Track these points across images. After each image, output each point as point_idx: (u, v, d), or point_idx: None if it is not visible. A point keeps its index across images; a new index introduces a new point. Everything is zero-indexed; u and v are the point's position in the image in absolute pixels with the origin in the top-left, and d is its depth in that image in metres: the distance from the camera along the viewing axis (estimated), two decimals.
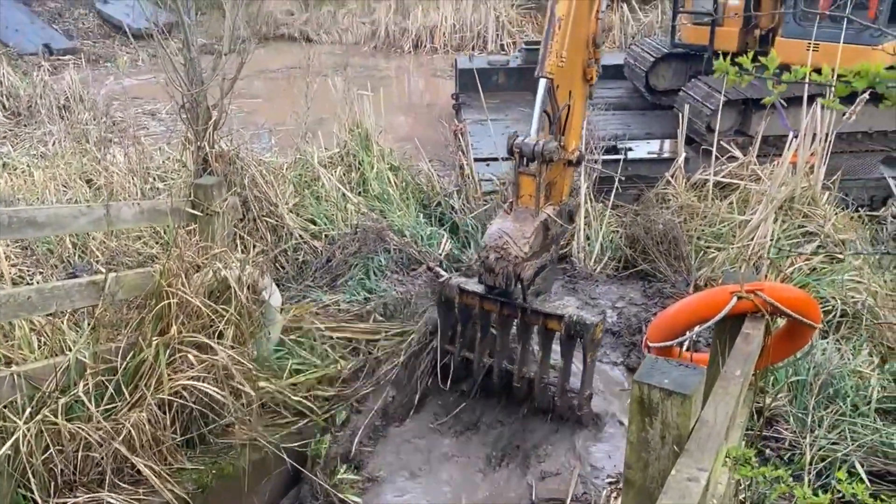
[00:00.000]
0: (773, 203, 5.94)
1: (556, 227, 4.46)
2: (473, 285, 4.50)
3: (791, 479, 1.95)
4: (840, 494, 2.04)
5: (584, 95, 4.77)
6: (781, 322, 3.40)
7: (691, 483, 1.62)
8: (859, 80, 1.53)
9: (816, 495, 3.28)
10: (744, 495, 3.39)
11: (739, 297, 2.84)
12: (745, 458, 1.91)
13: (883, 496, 1.87)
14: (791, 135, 6.26)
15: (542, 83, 4.19)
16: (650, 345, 3.16)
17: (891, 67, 1.86)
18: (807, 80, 1.68)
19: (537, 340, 4.55)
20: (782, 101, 7.53)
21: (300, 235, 6.47)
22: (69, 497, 3.28)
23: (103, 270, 4.27)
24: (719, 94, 7.63)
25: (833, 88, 1.65)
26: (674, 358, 3.00)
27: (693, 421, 1.88)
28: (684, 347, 3.50)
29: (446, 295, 4.55)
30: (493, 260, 4.15)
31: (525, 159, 4.25)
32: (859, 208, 6.52)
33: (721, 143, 7.18)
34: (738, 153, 7.17)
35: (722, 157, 7.17)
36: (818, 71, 2.01)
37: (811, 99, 6.41)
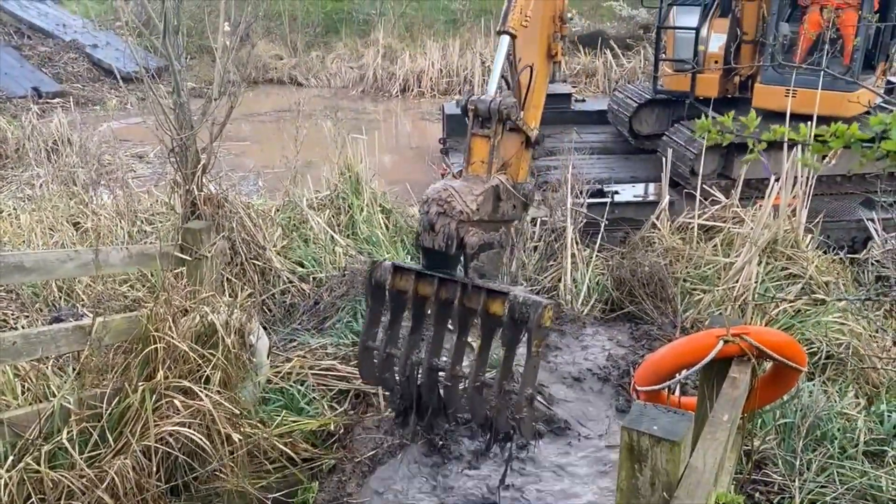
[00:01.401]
0: (757, 246, 6.02)
1: (507, 204, 3.99)
2: (410, 264, 4.02)
3: None
4: None
5: (547, 74, 4.46)
6: (768, 365, 3.43)
7: None
8: (835, 141, 1.58)
9: None
10: None
11: (726, 341, 2.87)
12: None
13: None
14: (772, 179, 6.37)
15: (503, 40, 3.91)
16: (638, 388, 3.17)
17: (867, 112, 1.91)
18: (785, 138, 1.73)
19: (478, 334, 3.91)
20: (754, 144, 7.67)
21: (288, 278, 6.48)
22: None
23: (89, 314, 4.24)
24: (701, 140, 7.77)
25: (809, 147, 1.70)
26: (661, 402, 3.01)
27: (682, 467, 1.89)
28: (674, 391, 3.52)
29: (377, 278, 3.95)
30: (435, 214, 3.64)
31: (480, 119, 3.84)
32: (838, 251, 6.62)
33: (704, 186, 7.30)
34: (721, 196, 7.28)
35: (705, 200, 7.28)
36: (798, 123, 2.06)
37: (792, 144, 6.54)
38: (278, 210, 7.29)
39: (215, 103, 5.91)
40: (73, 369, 3.89)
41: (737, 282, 6.04)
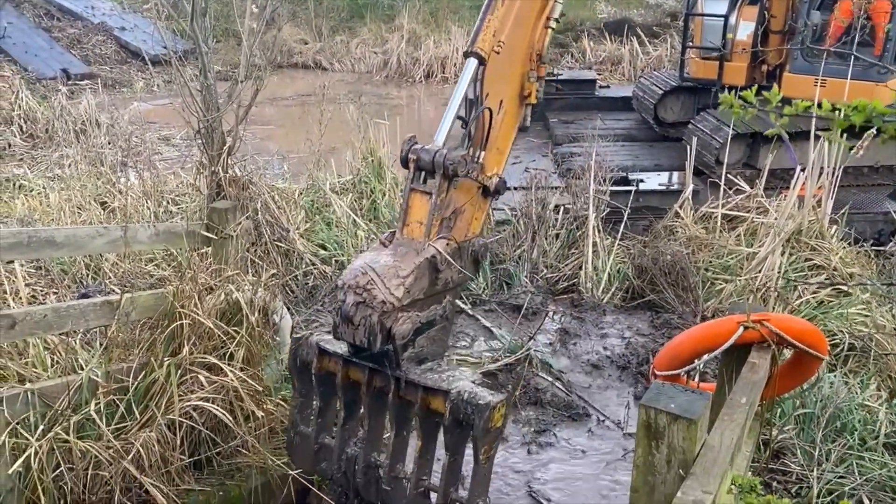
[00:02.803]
0: (781, 236, 5.98)
1: (449, 271, 3.30)
2: (339, 345, 3.29)
3: None
4: None
5: (518, 114, 3.85)
6: (788, 354, 3.43)
7: None
8: (857, 115, 1.57)
9: None
10: None
11: (746, 327, 2.87)
12: (750, 486, 1.93)
13: None
14: (798, 169, 6.31)
15: (470, 64, 3.33)
16: (657, 373, 3.18)
17: None
18: (811, 113, 1.71)
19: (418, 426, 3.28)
20: (786, 133, 7.61)
21: (311, 260, 6.54)
22: None
23: (116, 291, 4.32)
24: (727, 128, 7.71)
25: (834, 121, 1.67)
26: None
27: (699, 445, 1.91)
28: (693, 377, 3.52)
29: (302, 357, 3.38)
30: (352, 305, 3.01)
31: (422, 172, 3.24)
32: (863, 242, 6.56)
33: (729, 175, 7.25)
34: (745, 186, 7.23)
35: (730, 189, 7.24)
36: (819, 105, 2.04)
37: (819, 133, 6.48)
38: (302, 193, 7.35)
39: (241, 86, 5.97)
40: (101, 344, 3.97)
41: (759, 272, 6.01)
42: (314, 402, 3.49)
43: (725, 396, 2.79)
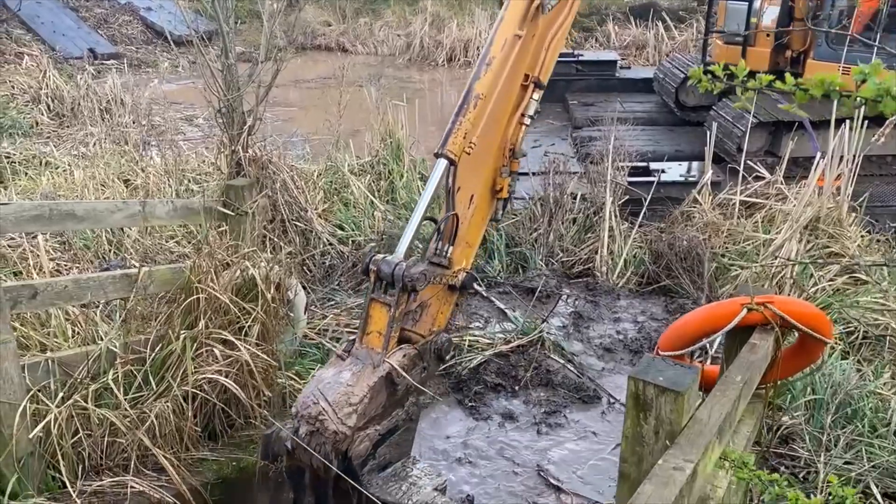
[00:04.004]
0: (798, 223, 5.94)
1: (414, 371, 3.33)
2: None
3: (793, 488, 2.00)
4: None
5: (488, 210, 3.79)
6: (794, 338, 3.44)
7: (676, 472, 1.69)
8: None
9: None
10: None
11: (749, 309, 2.89)
12: (742, 462, 1.97)
13: None
14: (818, 155, 6.26)
15: (440, 164, 3.32)
16: (661, 353, 3.21)
17: None
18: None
19: None
20: (808, 121, 7.53)
21: (328, 240, 6.62)
22: (95, 480, 3.41)
23: (136, 265, 4.42)
24: (749, 116, 7.65)
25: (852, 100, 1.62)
26: None
27: (686, 418, 1.95)
28: (697, 357, 3.54)
29: (273, 450, 3.32)
30: (306, 434, 3.06)
31: (383, 283, 3.19)
32: (884, 232, 6.49)
33: (749, 162, 7.19)
34: (765, 173, 7.18)
35: (749, 176, 7.19)
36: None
37: (840, 122, 6.41)
38: (320, 174, 7.42)
39: (261, 66, 6.03)
40: (120, 316, 4.08)
41: (775, 258, 5.98)
42: (287, 493, 3.45)
43: None
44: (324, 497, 3.33)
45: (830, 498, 1.85)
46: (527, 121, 3.76)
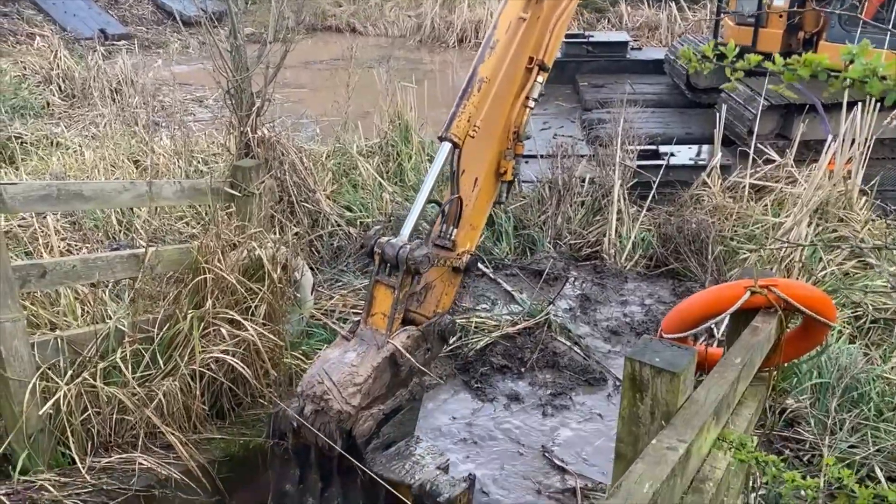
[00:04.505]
0: (808, 206, 5.91)
1: (418, 352, 3.38)
2: None
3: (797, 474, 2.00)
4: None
5: (492, 193, 3.80)
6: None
7: (669, 451, 1.70)
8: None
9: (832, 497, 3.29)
10: (756, 494, 3.44)
11: (753, 292, 2.89)
12: (740, 443, 1.97)
13: None
14: (829, 138, 6.20)
15: (444, 147, 3.35)
16: (664, 336, 3.22)
17: None
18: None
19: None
20: (820, 104, 7.46)
21: (336, 221, 6.64)
22: (104, 457, 3.47)
23: (145, 246, 4.46)
24: (761, 98, 7.58)
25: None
26: None
27: (682, 399, 1.95)
28: (700, 340, 3.54)
29: (280, 428, 3.41)
30: (311, 413, 3.14)
31: (387, 265, 3.25)
32: (891, 214, 6.44)
33: (760, 145, 7.14)
34: (775, 156, 7.13)
35: (760, 159, 7.14)
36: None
37: (852, 104, 6.35)
38: (329, 156, 7.43)
39: (269, 47, 6.03)
40: (128, 296, 4.11)
41: (783, 241, 5.95)
42: (294, 469, 3.54)
43: None
44: (329, 475, 3.42)
45: (830, 479, 1.86)
46: (531, 104, 3.76)
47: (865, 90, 1.38)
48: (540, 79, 3.77)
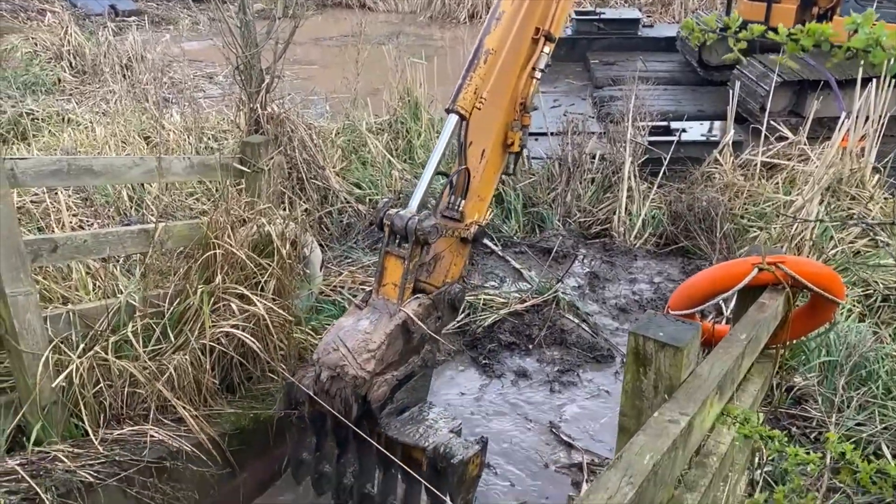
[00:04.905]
0: (820, 184, 5.86)
1: (429, 320, 3.46)
2: None
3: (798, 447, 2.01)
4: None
5: (500, 164, 3.82)
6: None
7: (671, 424, 1.71)
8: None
9: (837, 473, 3.30)
10: (762, 470, 3.45)
11: (760, 269, 2.88)
12: (744, 418, 1.98)
13: None
14: (843, 115, 6.14)
15: (451, 119, 3.38)
16: (671, 313, 3.22)
17: None
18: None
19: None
20: (834, 80, 7.36)
21: (345, 199, 6.65)
22: (116, 429, 3.51)
23: (155, 221, 4.48)
24: (774, 75, 7.50)
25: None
26: None
27: (686, 373, 1.96)
28: (708, 317, 3.54)
29: (295, 398, 3.59)
30: (327, 379, 3.26)
31: (397, 236, 3.33)
32: None
33: (773, 123, 7.08)
34: (788, 133, 7.06)
35: (772, 137, 7.08)
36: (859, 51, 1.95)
37: (866, 81, 6.27)
38: (338, 133, 7.43)
39: (278, 23, 6.01)
40: (139, 271, 4.15)
41: (793, 219, 5.92)
42: (310, 437, 3.67)
43: None
44: (345, 440, 3.54)
45: (834, 455, 1.86)
46: (538, 75, 3.74)
47: (869, 60, 1.37)
48: (546, 49, 3.75)
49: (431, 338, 3.50)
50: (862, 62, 6.10)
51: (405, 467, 3.33)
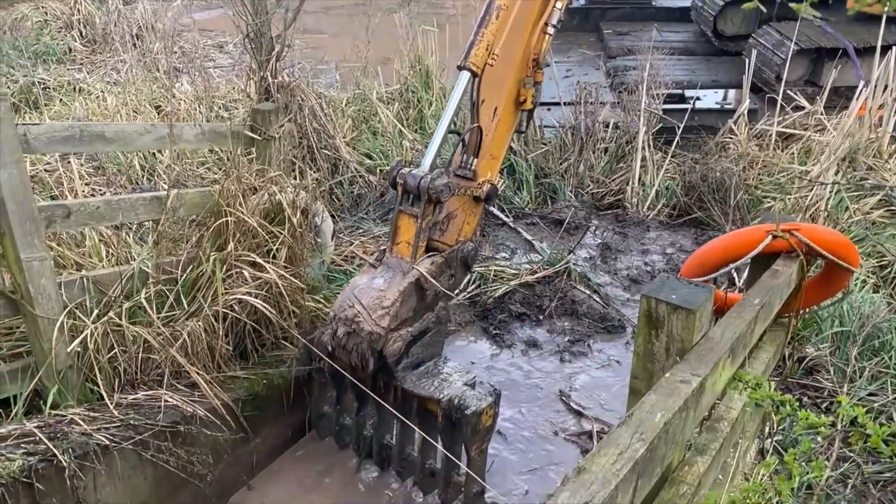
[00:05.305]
0: (836, 154, 5.79)
1: (443, 277, 3.54)
2: None
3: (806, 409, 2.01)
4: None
5: (512, 122, 3.81)
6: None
7: (682, 384, 1.71)
8: None
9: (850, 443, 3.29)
10: (772, 439, 3.46)
11: (775, 236, 2.86)
12: (756, 383, 1.98)
13: None
14: (861, 84, 6.05)
15: (463, 76, 3.40)
16: None
17: None
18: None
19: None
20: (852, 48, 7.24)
21: (356, 169, 6.63)
22: (131, 393, 3.55)
23: (167, 189, 4.49)
24: (790, 43, 7.38)
25: None
26: None
27: (698, 336, 1.95)
28: (721, 285, 3.52)
29: (314, 356, 3.74)
30: (344, 335, 3.38)
31: (409, 195, 3.38)
32: None
33: (789, 92, 6.98)
34: (805, 103, 6.97)
35: (788, 106, 6.99)
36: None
37: (886, 48, 6.16)
38: (349, 102, 7.38)
39: None
40: (152, 238, 4.16)
41: (811, 190, 5.86)
42: (330, 392, 3.84)
43: None
44: (363, 394, 3.66)
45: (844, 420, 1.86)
46: (550, 30, 3.73)
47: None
48: (559, 5, 3.73)
49: (445, 295, 3.58)
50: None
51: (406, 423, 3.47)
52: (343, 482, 3.95)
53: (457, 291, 4.51)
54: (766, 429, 3.44)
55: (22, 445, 3.03)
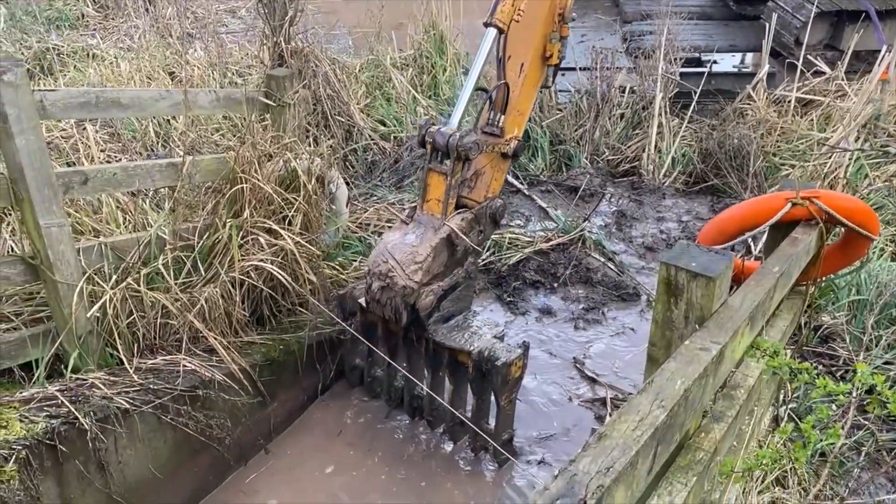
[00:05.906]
0: (857, 120, 5.70)
1: (472, 233, 3.66)
2: None
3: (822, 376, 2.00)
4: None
5: (538, 78, 3.81)
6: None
7: (701, 352, 1.71)
8: None
9: (865, 411, 3.29)
10: (787, 406, 3.46)
11: (794, 204, 2.83)
12: (774, 350, 1.97)
13: None
14: (884, 48, 5.93)
15: (489, 34, 3.43)
16: None
17: None
18: None
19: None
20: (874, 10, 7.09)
21: (370, 136, 6.60)
22: (150, 358, 3.60)
23: (183, 155, 4.49)
24: (811, 5, 7.23)
25: None
26: None
27: (718, 304, 1.95)
28: (739, 253, 3.50)
29: (349, 308, 3.94)
30: (378, 290, 3.52)
31: (438, 153, 3.46)
32: None
33: (808, 57, 6.86)
34: (825, 68, 6.85)
35: (808, 71, 6.87)
36: None
37: None
38: (362, 68, 7.32)
39: None
40: (168, 205, 4.17)
41: (829, 157, 5.79)
42: (362, 345, 3.96)
43: None
44: (395, 346, 3.86)
45: (858, 390, 1.86)
46: None
47: None
48: None
49: (474, 251, 3.69)
50: None
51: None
52: (374, 430, 4.06)
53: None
54: (781, 396, 3.45)
55: (45, 408, 3.09)
